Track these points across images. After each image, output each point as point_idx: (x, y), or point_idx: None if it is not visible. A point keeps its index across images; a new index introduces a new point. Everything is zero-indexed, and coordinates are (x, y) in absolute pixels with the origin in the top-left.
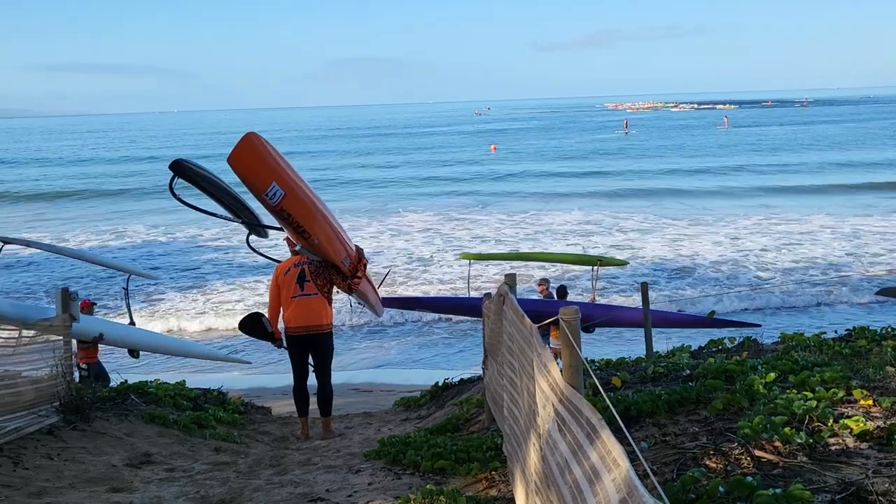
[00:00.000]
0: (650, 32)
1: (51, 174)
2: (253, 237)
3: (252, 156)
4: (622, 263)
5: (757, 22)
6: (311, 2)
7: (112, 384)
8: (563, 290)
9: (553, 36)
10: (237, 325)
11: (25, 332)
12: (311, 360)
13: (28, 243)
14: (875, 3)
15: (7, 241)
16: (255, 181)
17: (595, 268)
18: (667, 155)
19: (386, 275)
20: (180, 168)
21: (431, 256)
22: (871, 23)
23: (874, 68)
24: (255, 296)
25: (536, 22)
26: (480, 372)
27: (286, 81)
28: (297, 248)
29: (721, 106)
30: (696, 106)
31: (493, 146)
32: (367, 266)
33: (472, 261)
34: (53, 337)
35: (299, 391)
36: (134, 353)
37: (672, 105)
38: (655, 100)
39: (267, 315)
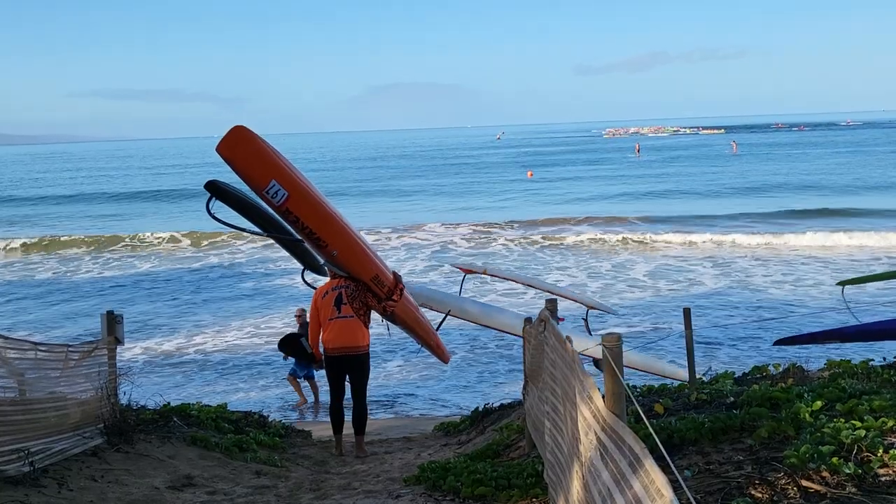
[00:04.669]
0: (688, 55)
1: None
2: (309, 274)
3: (244, 148)
4: None
5: (797, 43)
6: (352, 31)
7: (155, 407)
8: None
9: (593, 60)
10: (276, 345)
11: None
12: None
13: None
14: None
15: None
16: (250, 175)
17: None
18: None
19: (445, 316)
20: (216, 189)
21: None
22: None
23: None
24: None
25: (577, 47)
26: (520, 397)
27: (329, 106)
28: (322, 261)
29: (712, 130)
30: (687, 130)
31: (529, 172)
32: (404, 291)
33: (844, 287)
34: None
35: (335, 410)
36: (598, 364)
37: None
38: (682, 124)
39: (309, 336)
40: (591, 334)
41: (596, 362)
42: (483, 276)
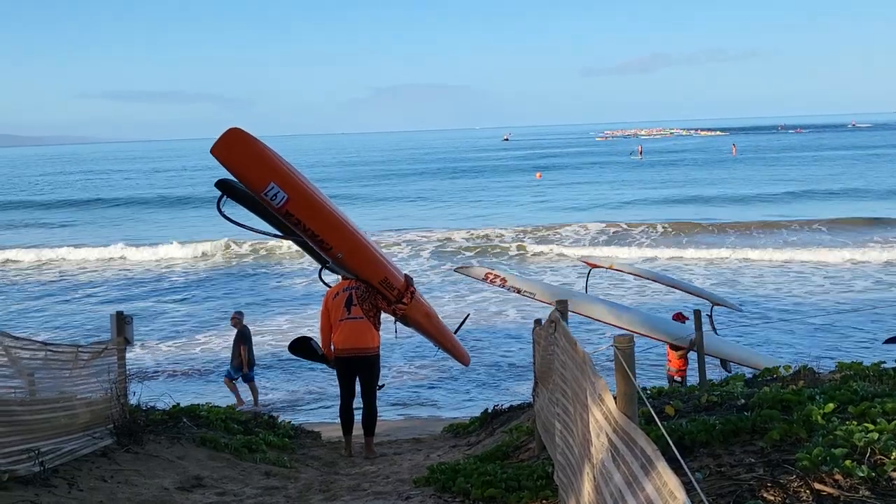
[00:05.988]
0: (693, 57)
1: None
2: (323, 270)
3: (240, 150)
4: None
5: (801, 45)
6: (354, 31)
7: (164, 407)
8: None
9: (599, 62)
10: (287, 348)
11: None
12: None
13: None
14: None
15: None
16: (248, 178)
17: None
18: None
19: (465, 319)
20: (228, 187)
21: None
22: None
23: None
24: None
25: (583, 49)
26: (530, 398)
27: (333, 108)
28: (329, 263)
29: (710, 132)
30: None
31: (538, 174)
32: (415, 294)
33: None
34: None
35: (345, 410)
36: (726, 365)
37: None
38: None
39: (320, 337)
40: (716, 332)
41: (723, 363)
42: (610, 270)
